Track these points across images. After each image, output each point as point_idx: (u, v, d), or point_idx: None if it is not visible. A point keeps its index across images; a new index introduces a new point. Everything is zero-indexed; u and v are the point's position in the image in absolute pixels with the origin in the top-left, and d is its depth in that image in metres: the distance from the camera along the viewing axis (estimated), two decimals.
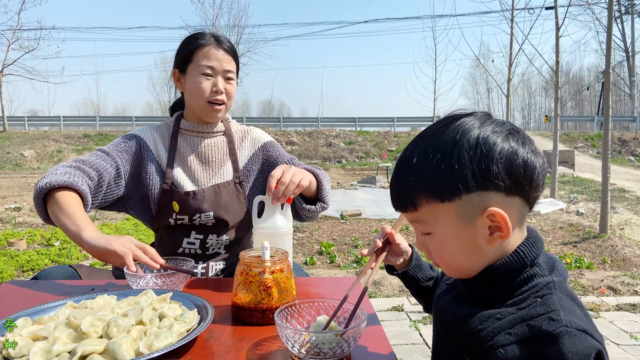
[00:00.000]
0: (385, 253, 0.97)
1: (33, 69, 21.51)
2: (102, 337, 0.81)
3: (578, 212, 6.90)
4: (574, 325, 0.61)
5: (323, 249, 4.75)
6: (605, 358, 0.62)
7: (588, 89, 37.82)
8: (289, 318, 0.87)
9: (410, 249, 1.02)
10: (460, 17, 27.51)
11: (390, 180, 0.75)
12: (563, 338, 0.60)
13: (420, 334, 2.75)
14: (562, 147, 15.23)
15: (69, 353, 0.76)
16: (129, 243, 1.16)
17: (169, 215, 1.46)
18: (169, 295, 1.00)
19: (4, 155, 16.96)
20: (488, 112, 0.73)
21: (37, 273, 1.35)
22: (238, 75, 1.57)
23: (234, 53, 1.51)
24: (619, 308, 3.21)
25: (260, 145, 1.62)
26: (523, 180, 0.68)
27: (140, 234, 5.40)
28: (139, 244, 1.18)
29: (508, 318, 0.65)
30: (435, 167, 0.67)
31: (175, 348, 0.79)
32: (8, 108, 25.51)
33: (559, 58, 7.68)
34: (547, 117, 20.19)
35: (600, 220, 5.43)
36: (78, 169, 1.36)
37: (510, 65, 9.48)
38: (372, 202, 8.22)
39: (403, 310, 3.13)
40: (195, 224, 1.48)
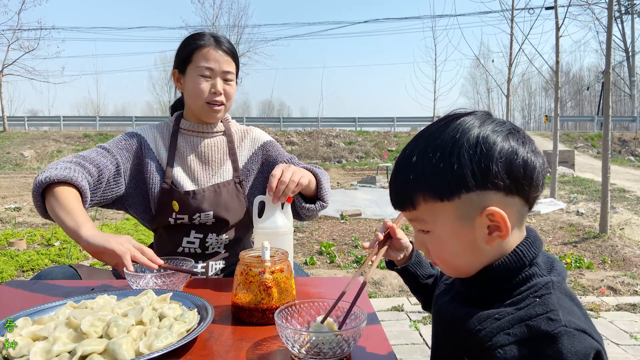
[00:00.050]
0: (386, 247, 0.97)
1: (33, 69, 21.55)
2: (102, 337, 0.81)
3: (578, 212, 6.90)
4: (573, 325, 0.61)
5: (323, 249, 4.75)
6: (604, 358, 0.62)
7: (588, 89, 37.82)
8: (289, 318, 0.87)
9: (411, 245, 1.02)
10: (460, 17, 27.57)
11: (390, 179, 0.75)
12: (562, 338, 0.60)
13: (420, 334, 2.75)
14: (562, 147, 15.22)
15: (69, 353, 0.76)
16: (127, 243, 1.16)
17: (169, 215, 1.46)
18: (169, 295, 1.00)
19: (4, 155, 16.96)
20: (488, 111, 0.73)
21: (37, 273, 1.35)
22: (238, 76, 1.57)
23: (234, 54, 1.51)
24: (619, 308, 3.21)
25: (260, 145, 1.62)
26: (523, 180, 0.67)
27: (140, 234, 5.40)
28: (137, 245, 1.18)
29: (507, 318, 0.65)
30: (435, 166, 0.67)
31: (175, 348, 0.79)
32: (8, 108, 25.53)
33: (559, 58, 7.68)
34: (547, 117, 20.19)
35: (600, 220, 5.43)
36: (78, 165, 1.36)
37: (510, 65, 9.48)
38: (372, 202, 8.22)
39: (403, 310, 3.13)
40: (195, 223, 1.48)
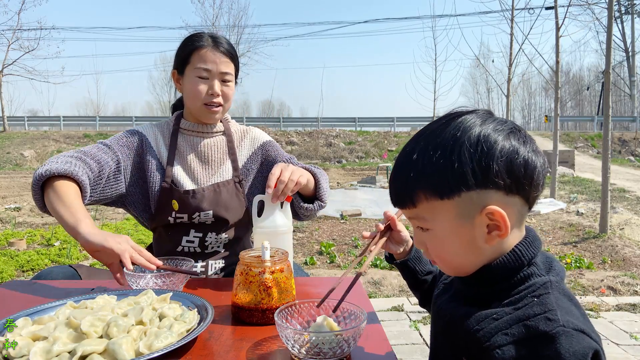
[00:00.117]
0: (385, 238, 0.97)
1: (33, 69, 21.55)
2: (102, 337, 0.81)
3: (578, 212, 6.90)
4: (571, 325, 0.61)
5: (323, 249, 4.75)
6: (603, 358, 0.62)
7: (588, 89, 37.81)
8: (289, 318, 0.87)
9: (411, 240, 1.02)
10: (460, 17, 27.59)
11: (390, 176, 0.75)
12: (560, 338, 0.60)
13: (420, 334, 2.75)
14: (562, 147, 15.23)
15: (69, 353, 0.76)
16: (125, 243, 1.14)
17: (168, 214, 1.46)
18: (169, 295, 1.00)
19: (4, 155, 16.96)
20: (489, 110, 0.72)
21: (37, 273, 1.35)
22: (238, 76, 1.57)
23: (232, 55, 1.50)
24: (619, 308, 3.21)
25: (260, 145, 1.63)
26: (523, 180, 0.67)
27: (140, 234, 5.40)
28: (135, 246, 1.17)
29: (505, 318, 0.65)
30: (435, 164, 0.67)
31: (175, 348, 0.79)
32: (8, 108, 25.55)
33: (559, 58, 7.68)
34: (547, 117, 20.19)
35: (600, 220, 5.43)
36: (79, 160, 1.35)
37: (510, 65, 9.48)
38: (372, 202, 8.22)
39: (403, 310, 3.13)
40: (195, 223, 1.48)
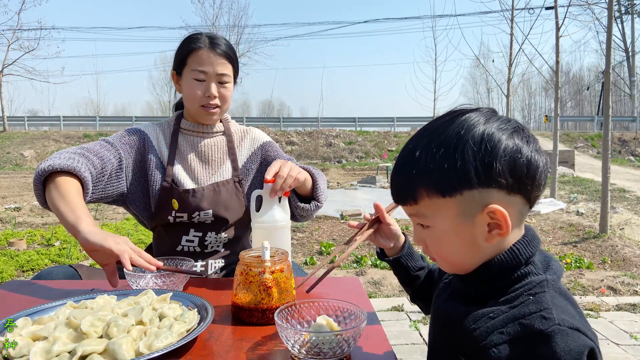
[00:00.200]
0: (371, 230, 0.98)
1: (33, 69, 21.54)
2: (102, 337, 0.81)
3: (578, 212, 6.90)
4: (567, 324, 0.61)
5: (323, 249, 4.75)
6: (598, 356, 0.62)
7: (588, 89, 37.81)
8: (289, 318, 0.87)
9: (403, 236, 1.02)
10: (460, 17, 27.59)
11: (392, 172, 0.75)
12: (555, 337, 0.60)
13: (420, 334, 2.75)
14: (562, 147, 15.23)
15: (69, 353, 0.76)
16: (125, 244, 1.13)
17: (168, 213, 1.46)
18: (169, 295, 1.00)
19: (4, 155, 16.96)
20: (493, 108, 0.72)
21: (37, 273, 1.35)
22: (237, 76, 1.57)
23: (230, 56, 1.49)
24: (619, 308, 3.21)
25: (259, 145, 1.63)
26: (525, 179, 0.67)
27: (140, 234, 5.40)
28: (134, 247, 1.16)
29: (501, 317, 0.65)
30: (438, 161, 0.67)
31: (175, 348, 0.79)
32: (8, 108, 25.55)
33: (559, 58, 7.68)
34: (547, 117, 20.19)
35: (600, 220, 5.43)
36: (82, 156, 1.35)
37: (510, 65, 9.49)
38: (372, 202, 8.18)
39: (403, 310, 3.13)
40: (194, 222, 1.48)
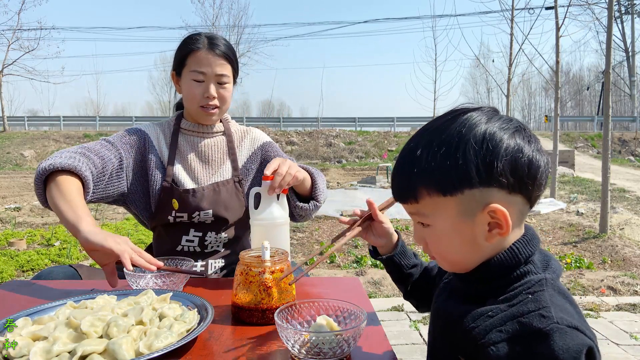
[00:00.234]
0: (361, 228, 0.98)
1: (33, 69, 21.53)
2: (102, 337, 0.81)
3: (578, 212, 6.90)
4: (565, 322, 0.61)
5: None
6: (597, 354, 0.62)
7: (588, 89, 37.80)
8: (289, 318, 0.87)
9: (397, 235, 1.02)
10: (460, 17, 27.53)
11: (393, 171, 0.75)
12: (554, 335, 0.60)
13: (420, 334, 2.75)
14: (562, 147, 15.22)
15: (69, 353, 0.76)
16: (125, 244, 1.13)
17: (168, 213, 1.46)
18: (169, 295, 1.00)
19: (4, 155, 16.96)
20: (495, 107, 0.72)
21: (37, 273, 1.35)
22: (237, 76, 1.57)
23: (229, 57, 1.49)
24: (619, 308, 3.21)
25: (259, 145, 1.63)
26: (527, 179, 0.67)
27: (140, 234, 5.39)
28: (135, 247, 1.16)
29: (500, 315, 0.65)
30: (440, 160, 0.67)
31: (175, 348, 0.79)
32: (8, 108, 25.55)
33: (559, 58, 7.68)
34: (547, 117, 20.18)
35: (600, 220, 5.43)
36: (83, 155, 1.35)
37: (510, 65, 9.49)
38: None
39: (403, 310, 3.13)
40: (194, 222, 1.48)
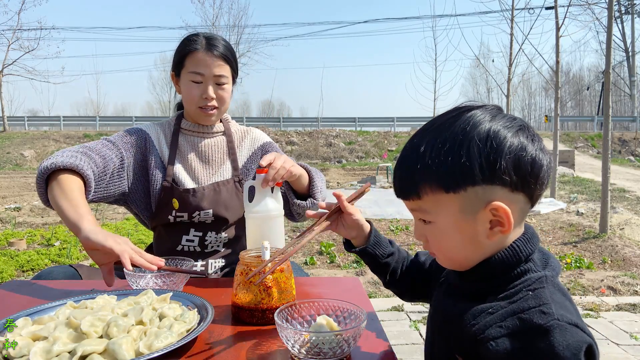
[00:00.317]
0: (328, 222, 0.98)
1: (33, 69, 21.51)
2: (102, 337, 0.81)
3: (578, 212, 6.90)
4: (565, 319, 0.61)
5: (323, 249, 4.75)
6: (596, 353, 0.62)
7: (588, 89, 37.80)
8: (289, 318, 0.87)
9: (369, 225, 1.01)
10: (460, 17, 27.48)
11: (395, 167, 0.75)
12: (554, 331, 0.60)
13: (420, 334, 2.75)
14: (562, 147, 15.23)
15: (69, 353, 0.76)
16: (125, 244, 1.13)
17: (169, 212, 1.46)
18: (169, 295, 1.01)
19: (4, 155, 16.96)
20: (499, 105, 0.72)
21: (37, 273, 1.35)
22: (237, 76, 1.57)
23: (227, 57, 1.49)
24: (619, 308, 3.21)
25: (260, 145, 1.63)
26: (529, 177, 0.68)
27: (140, 234, 5.40)
28: (135, 248, 1.16)
29: (500, 312, 0.65)
30: (443, 157, 0.67)
31: (175, 348, 0.79)
32: (8, 108, 25.50)
33: (559, 58, 7.68)
34: (547, 117, 20.15)
35: (600, 220, 5.43)
36: (84, 154, 1.35)
37: (510, 65, 9.48)
38: (372, 202, 8.21)
39: (403, 310, 3.13)
40: (195, 222, 1.48)
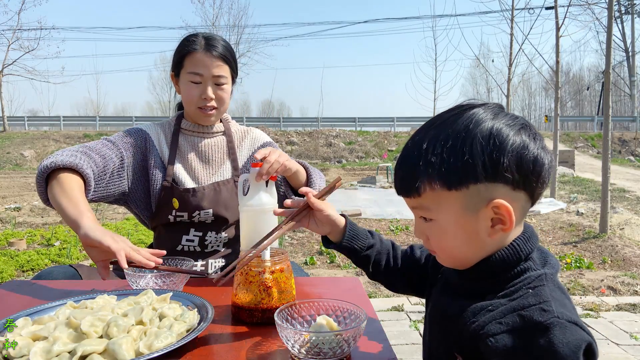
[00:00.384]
0: (293, 222, 0.98)
1: (33, 69, 21.50)
2: (102, 337, 0.81)
3: (578, 212, 6.90)
4: (565, 317, 0.62)
5: (323, 249, 4.75)
6: (596, 351, 0.62)
7: (588, 89, 37.80)
8: (289, 318, 0.87)
9: (343, 219, 0.99)
10: (460, 17, 27.51)
11: (396, 164, 0.74)
12: (554, 329, 0.60)
13: (420, 334, 2.75)
14: (562, 147, 15.23)
15: (69, 353, 0.76)
16: (122, 242, 1.13)
17: (169, 212, 1.47)
18: (169, 295, 1.00)
19: (4, 155, 16.96)
20: (500, 104, 0.72)
21: (37, 273, 1.35)
22: (236, 76, 1.56)
23: (226, 57, 1.49)
24: (619, 308, 3.21)
25: (260, 145, 1.64)
26: (531, 176, 0.68)
27: (140, 234, 5.39)
28: (133, 246, 1.16)
29: (500, 309, 0.65)
30: (446, 154, 0.67)
31: (175, 348, 0.79)
32: (8, 108, 25.47)
33: (559, 58, 7.68)
34: (547, 117, 20.15)
35: (600, 220, 5.43)
36: (84, 154, 1.36)
37: (510, 65, 9.48)
38: (372, 202, 8.21)
39: (403, 310, 3.13)
40: (195, 221, 1.49)
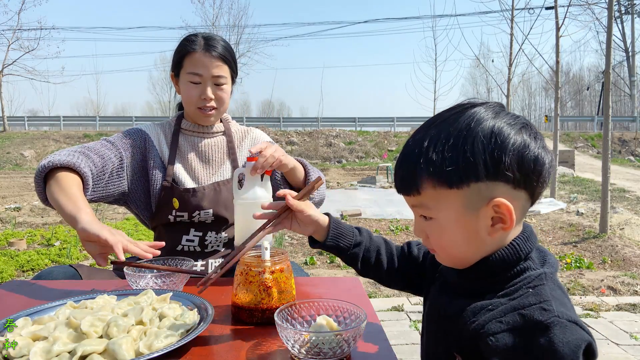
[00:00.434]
0: (272, 228, 0.98)
1: (33, 69, 21.50)
2: (102, 337, 0.81)
3: (578, 212, 6.90)
4: (565, 316, 0.62)
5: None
6: (596, 351, 0.62)
7: (588, 89, 37.79)
8: (289, 318, 0.87)
9: (327, 218, 1.00)
10: (460, 17, 27.48)
11: (397, 162, 0.74)
12: (554, 328, 0.60)
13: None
14: (562, 147, 15.23)
15: (69, 353, 0.76)
16: (120, 236, 1.13)
17: (169, 212, 1.47)
18: (169, 295, 1.01)
19: (4, 155, 16.96)
20: (501, 103, 0.72)
21: (37, 273, 1.35)
22: (236, 76, 1.56)
23: (226, 58, 1.49)
24: (619, 308, 3.21)
25: None
26: (532, 175, 0.68)
27: (140, 234, 5.39)
28: (130, 239, 1.15)
29: (500, 308, 0.65)
30: (447, 152, 0.67)
31: (175, 348, 0.79)
32: (8, 108, 25.46)
33: (559, 58, 7.68)
34: (547, 117, 20.14)
35: (600, 220, 5.43)
36: (83, 154, 1.36)
37: (510, 65, 9.48)
38: (372, 202, 8.21)
39: (403, 310, 3.13)
40: (195, 221, 1.49)
